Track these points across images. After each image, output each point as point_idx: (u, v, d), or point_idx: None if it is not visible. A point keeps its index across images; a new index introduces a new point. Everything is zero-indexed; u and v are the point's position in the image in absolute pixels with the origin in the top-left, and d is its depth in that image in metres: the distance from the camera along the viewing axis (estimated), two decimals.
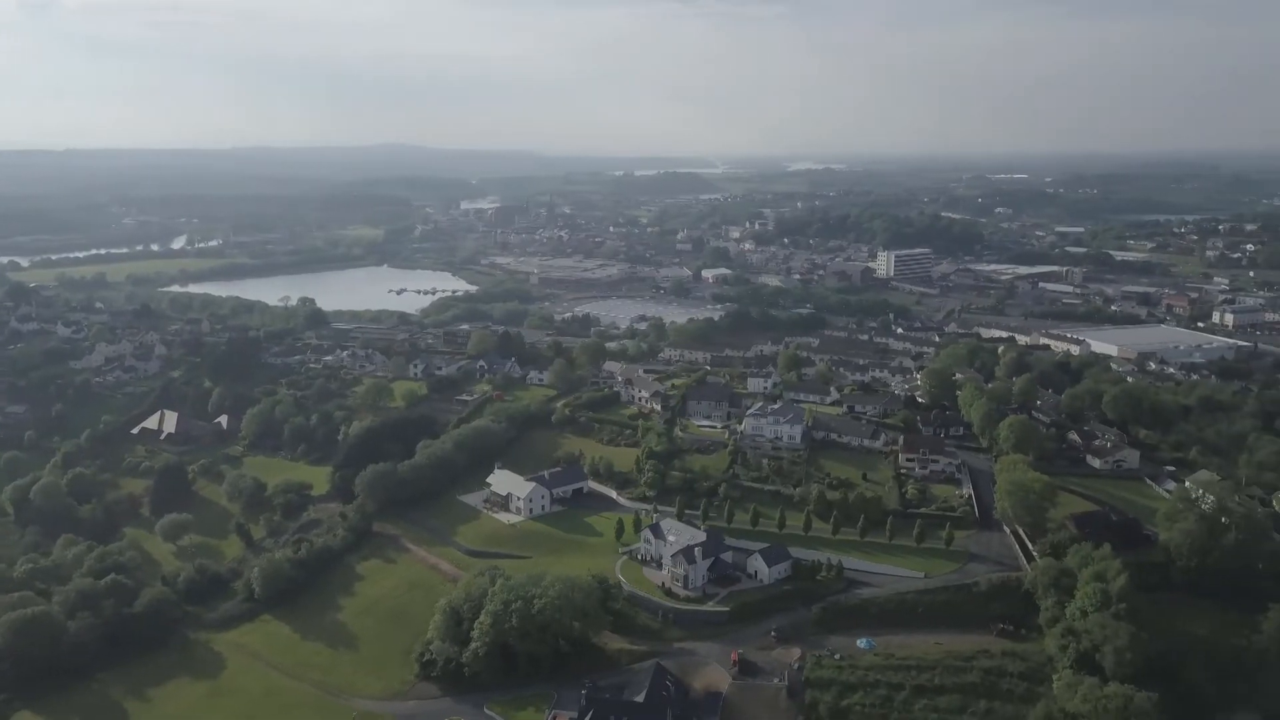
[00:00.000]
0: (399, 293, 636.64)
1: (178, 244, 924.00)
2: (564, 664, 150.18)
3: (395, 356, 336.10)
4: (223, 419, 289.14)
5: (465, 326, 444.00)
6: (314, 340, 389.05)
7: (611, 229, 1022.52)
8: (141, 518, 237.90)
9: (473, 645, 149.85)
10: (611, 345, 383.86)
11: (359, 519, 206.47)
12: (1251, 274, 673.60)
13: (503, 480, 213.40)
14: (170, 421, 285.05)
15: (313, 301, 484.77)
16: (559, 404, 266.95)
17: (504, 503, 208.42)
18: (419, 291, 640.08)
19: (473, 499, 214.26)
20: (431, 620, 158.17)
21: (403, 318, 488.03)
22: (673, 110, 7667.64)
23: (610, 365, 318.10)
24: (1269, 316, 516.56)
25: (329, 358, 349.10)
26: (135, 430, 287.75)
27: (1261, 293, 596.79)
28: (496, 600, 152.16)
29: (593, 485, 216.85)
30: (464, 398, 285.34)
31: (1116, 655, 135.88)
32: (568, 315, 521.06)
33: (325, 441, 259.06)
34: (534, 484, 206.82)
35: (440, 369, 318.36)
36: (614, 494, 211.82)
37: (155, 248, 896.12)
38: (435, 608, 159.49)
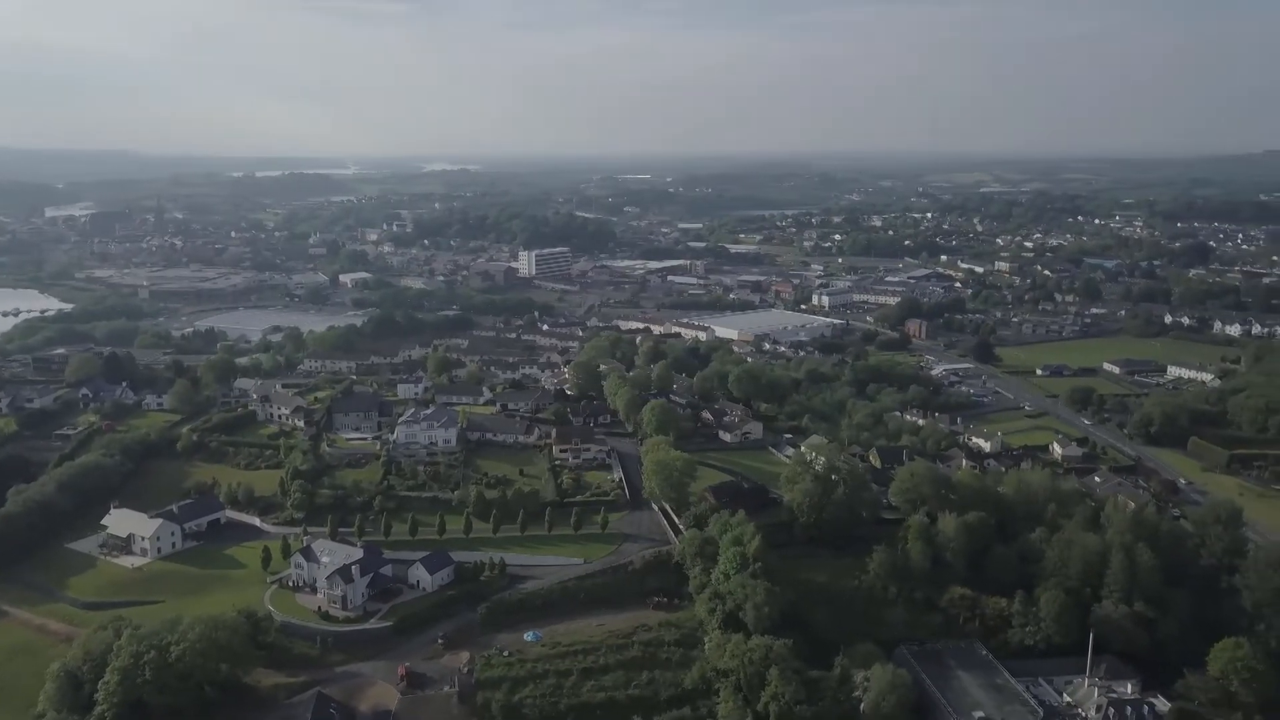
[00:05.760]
0: None
1: None
2: (211, 712, 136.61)
3: None
4: None
5: (61, 350, 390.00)
6: None
7: (234, 234, 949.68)
8: None
9: (97, 709, 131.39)
10: (243, 360, 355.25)
11: None
12: (840, 260, 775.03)
13: (122, 520, 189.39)
14: None
15: None
16: (184, 429, 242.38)
17: (125, 545, 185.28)
18: None
19: (86, 545, 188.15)
20: (42, 690, 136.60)
21: None
22: (295, 108, 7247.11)
23: (243, 382, 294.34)
24: (856, 297, 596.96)
25: None
26: None
27: (849, 276, 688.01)
28: (124, 654, 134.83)
29: (231, 514, 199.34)
30: (65, 432, 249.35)
31: (756, 611, 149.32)
32: (188, 331, 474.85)
33: None
34: (160, 520, 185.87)
35: (32, 401, 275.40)
36: (257, 521, 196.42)
37: None
38: (46, 674, 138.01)
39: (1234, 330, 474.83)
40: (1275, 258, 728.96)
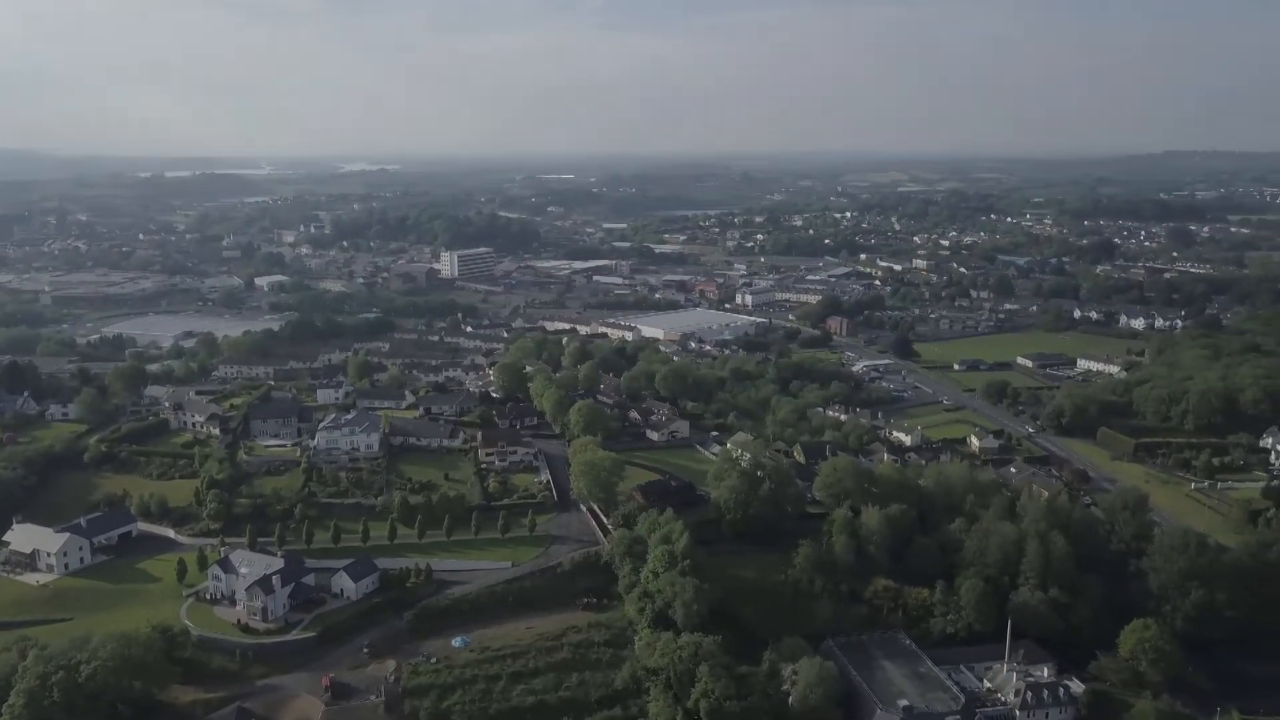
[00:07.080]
0: None
1: None
2: None
3: None
4: None
5: None
6: None
7: (142, 236, 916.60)
8: None
9: None
10: (153, 367, 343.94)
11: None
12: (763, 260, 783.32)
13: (25, 535, 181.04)
14: None
15: None
16: (92, 440, 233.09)
17: (30, 561, 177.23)
18: None
19: None
20: None
21: None
22: (206, 107, 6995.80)
23: (154, 390, 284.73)
24: (778, 296, 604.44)
25: None
26: None
27: (771, 275, 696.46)
28: (30, 676, 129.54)
29: (144, 527, 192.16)
30: None
31: (685, 608, 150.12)
32: (95, 337, 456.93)
33: None
34: (67, 535, 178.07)
35: None
36: (171, 533, 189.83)
37: None
38: None
39: (1138, 324, 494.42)
40: (1175, 254, 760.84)
